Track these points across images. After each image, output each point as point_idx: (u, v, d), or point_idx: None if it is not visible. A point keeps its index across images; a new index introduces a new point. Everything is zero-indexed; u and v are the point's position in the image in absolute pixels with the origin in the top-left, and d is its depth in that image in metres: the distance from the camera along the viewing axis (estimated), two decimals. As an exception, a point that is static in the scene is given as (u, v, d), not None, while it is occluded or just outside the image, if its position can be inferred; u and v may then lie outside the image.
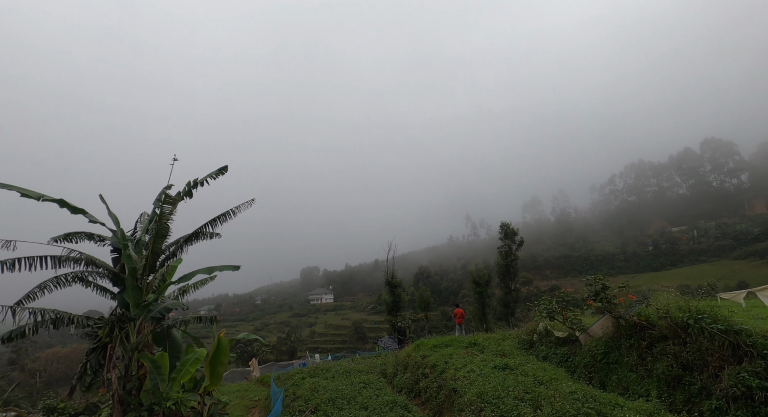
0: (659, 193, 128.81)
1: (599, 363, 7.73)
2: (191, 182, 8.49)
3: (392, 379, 13.65)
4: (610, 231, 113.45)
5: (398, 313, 33.08)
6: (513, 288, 35.05)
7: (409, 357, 13.65)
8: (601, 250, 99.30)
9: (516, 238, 35.58)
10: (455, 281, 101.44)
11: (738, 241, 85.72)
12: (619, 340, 7.62)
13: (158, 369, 6.53)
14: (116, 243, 7.80)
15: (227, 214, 8.88)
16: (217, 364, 6.11)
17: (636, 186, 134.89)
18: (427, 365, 12.04)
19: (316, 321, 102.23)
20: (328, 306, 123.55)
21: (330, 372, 15.33)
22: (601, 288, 8.15)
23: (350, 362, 17.66)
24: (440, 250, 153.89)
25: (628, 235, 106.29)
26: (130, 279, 7.13)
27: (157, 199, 8.69)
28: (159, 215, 7.41)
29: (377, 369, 15.41)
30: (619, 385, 6.84)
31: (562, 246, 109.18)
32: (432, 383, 10.75)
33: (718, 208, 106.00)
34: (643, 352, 6.94)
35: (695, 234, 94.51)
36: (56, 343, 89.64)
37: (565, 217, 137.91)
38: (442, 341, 14.06)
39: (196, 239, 9.04)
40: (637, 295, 9.95)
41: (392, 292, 33.27)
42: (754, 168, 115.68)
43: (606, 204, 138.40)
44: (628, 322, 7.48)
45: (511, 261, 35.44)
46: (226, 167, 8.92)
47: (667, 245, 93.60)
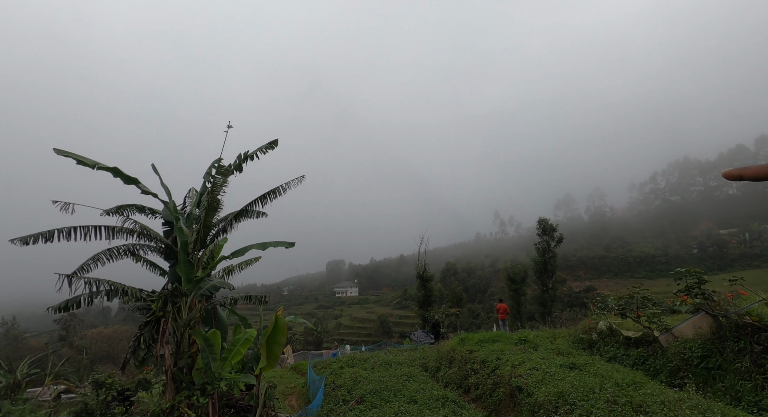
0: (706, 192, 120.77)
1: (695, 368, 6.73)
2: (241, 155, 8.09)
3: (435, 373, 13.01)
4: (650, 232, 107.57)
5: (429, 307, 32.37)
6: (551, 286, 33.53)
7: (454, 351, 12.95)
8: (639, 252, 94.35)
9: (555, 235, 34.01)
10: (483, 278, 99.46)
11: (796, 246, 79.13)
12: (720, 342, 6.59)
13: (210, 347, 6.17)
14: (168, 216, 7.52)
15: (276, 191, 8.44)
16: (273, 344, 5.66)
17: (680, 185, 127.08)
18: (476, 361, 11.30)
19: (342, 313, 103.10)
20: (353, 299, 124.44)
21: (368, 362, 14.88)
22: (696, 282, 7.11)
23: (387, 354, 17.15)
24: (468, 247, 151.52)
25: (670, 237, 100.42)
26: (182, 253, 6.81)
27: (207, 173, 8.37)
28: (211, 187, 7.04)
29: (417, 362, 14.82)
30: (727, 394, 5.86)
31: (596, 246, 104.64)
32: (485, 380, 10.02)
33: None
34: (758, 357, 5.92)
35: (747, 237, 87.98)
36: (99, 324, 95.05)
37: (601, 216, 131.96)
38: (488, 336, 13.29)
39: (243, 217, 8.68)
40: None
41: (424, 285, 32.55)
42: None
43: (646, 203, 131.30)
44: (734, 323, 6.45)
45: (549, 258, 33.93)
46: (276, 141, 8.48)
47: (714, 248, 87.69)
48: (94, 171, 6.72)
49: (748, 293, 6.74)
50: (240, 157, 8.08)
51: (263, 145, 8.35)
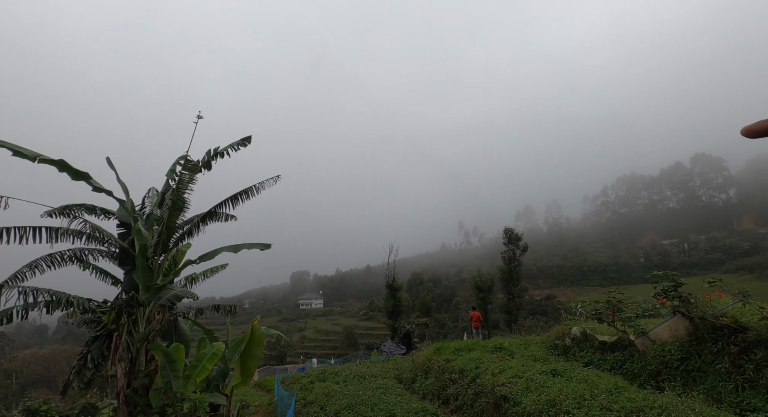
0: (650, 205, 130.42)
1: (675, 370, 6.81)
2: (211, 151, 7.44)
3: (411, 385, 12.59)
4: (602, 242, 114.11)
5: (398, 317, 31.96)
6: (516, 294, 34.27)
7: (430, 361, 12.62)
8: (593, 261, 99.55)
9: (520, 244, 34.94)
10: (449, 288, 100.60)
11: (727, 254, 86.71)
12: (698, 344, 6.72)
13: (172, 364, 5.42)
14: (124, 216, 6.67)
15: (249, 191, 7.81)
16: (248, 358, 5.04)
17: (628, 198, 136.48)
18: (454, 370, 11.01)
19: (306, 326, 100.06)
20: (318, 311, 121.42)
21: (340, 376, 14.19)
22: (672, 285, 7.27)
23: (359, 366, 16.50)
24: (433, 257, 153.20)
25: (620, 247, 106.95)
26: (140, 258, 6.02)
27: (171, 170, 7.60)
28: (177, 184, 6.32)
29: (391, 374, 14.33)
30: (709, 396, 5.91)
31: (554, 256, 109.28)
32: (465, 390, 9.73)
33: (707, 222, 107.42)
34: (736, 358, 6.05)
35: (686, 247, 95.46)
36: (33, 344, 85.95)
37: (558, 227, 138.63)
38: (464, 345, 13.09)
39: (211, 219, 7.95)
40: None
41: (393, 295, 32.16)
42: (741, 184, 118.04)
43: (598, 215, 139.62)
44: (710, 324, 6.60)
45: (514, 266, 34.74)
46: (249, 138, 7.90)
47: (658, 257, 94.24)
48: (36, 165, 5.83)
49: (725, 295, 6.98)
50: (209, 154, 7.42)
51: (235, 142, 7.74)
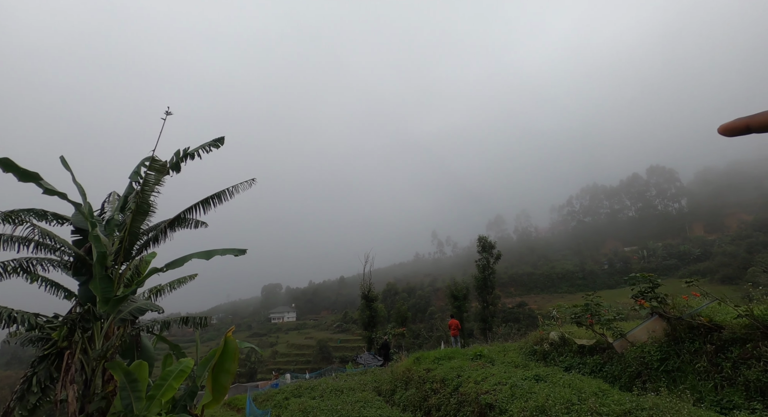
0: (612, 214, 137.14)
1: (655, 371, 6.88)
2: (180, 152, 6.95)
3: (390, 397, 12.20)
4: (568, 250, 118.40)
5: (374, 328, 31.43)
6: (490, 302, 34.62)
7: (410, 371, 12.30)
8: (561, 268, 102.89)
9: (493, 252, 35.48)
10: (423, 298, 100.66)
11: (682, 260, 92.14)
12: (676, 344, 6.84)
13: (134, 384, 4.86)
14: (80, 221, 6.03)
15: (222, 195, 7.34)
16: (221, 374, 4.57)
17: (591, 208, 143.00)
18: (435, 380, 10.76)
19: (278, 340, 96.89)
20: (291, 325, 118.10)
21: (316, 390, 13.59)
22: (649, 286, 7.41)
23: (335, 380, 15.91)
24: (407, 267, 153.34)
25: (586, 254, 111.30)
26: (99, 266, 5.42)
27: (135, 172, 7.02)
28: (142, 185, 5.80)
29: (369, 386, 13.87)
30: (690, 395, 5.96)
31: (525, 264, 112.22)
32: (447, 399, 9.49)
33: (663, 229, 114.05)
34: (713, 356, 6.17)
35: (645, 254, 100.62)
36: (-30, 369, 78.27)
37: (527, 235, 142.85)
38: (444, 353, 12.89)
39: (179, 225, 7.40)
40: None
41: (369, 306, 31.63)
42: (692, 194, 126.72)
43: (564, 224, 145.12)
44: (687, 324, 6.74)
45: (488, 274, 35.18)
46: (222, 139, 7.46)
47: (620, 264, 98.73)
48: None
49: (701, 295, 7.19)
50: (178, 155, 6.93)
51: (207, 143, 7.29)
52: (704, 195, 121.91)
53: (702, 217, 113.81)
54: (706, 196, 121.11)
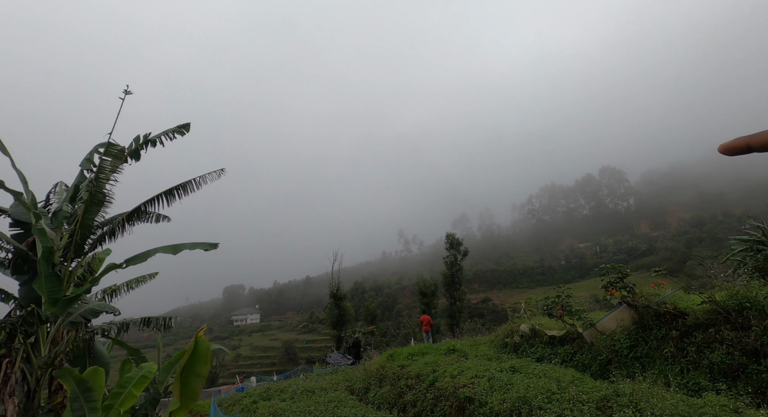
0: (568, 213, 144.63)
1: (625, 358, 7.14)
2: (140, 138, 6.34)
3: (364, 395, 11.97)
4: (529, 247, 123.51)
5: (343, 327, 31.06)
6: (458, 298, 35.26)
7: (384, 369, 12.15)
8: (522, 265, 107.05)
9: (461, 249, 36.14)
10: (390, 296, 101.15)
11: (630, 255, 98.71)
12: (644, 331, 7.14)
13: (87, 393, 4.30)
14: (20, 213, 5.29)
15: (188, 186, 6.76)
16: (191, 377, 4.14)
17: (549, 206, 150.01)
18: (410, 376, 10.68)
19: (241, 343, 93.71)
20: (254, 326, 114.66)
21: (286, 392, 13.10)
22: (618, 276, 7.70)
23: (305, 380, 15.46)
24: (374, 266, 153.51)
25: (545, 251, 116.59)
26: (44, 263, 4.76)
27: (87, 159, 6.30)
28: (96, 172, 5.17)
29: (341, 385, 13.57)
30: (658, 380, 6.22)
31: (488, 261, 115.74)
32: (423, 395, 9.41)
33: (614, 227, 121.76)
34: (678, 342, 6.48)
35: (598, 249, 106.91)
36: None
37: (490, 233, 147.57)
38: (417, 349, 12.85)
39: (138, 219, 6.76)
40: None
41: (338, 305, 31.21)
42: (639, 193, 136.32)
43: (525, 222, 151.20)
44: (654, 312, 7.05)
45: (456, 271, 35.82)
46: (187, 125, 6.89)
47: (576, 260, 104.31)
48: None
49: (667, 283, 7.55)
50: (138, 141, 6.31)
51: (170, 129, 6.70)
52: (649, 195, 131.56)
53: (647, 215, 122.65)
54: (650, 195, 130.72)
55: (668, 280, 7.57)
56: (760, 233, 16.77)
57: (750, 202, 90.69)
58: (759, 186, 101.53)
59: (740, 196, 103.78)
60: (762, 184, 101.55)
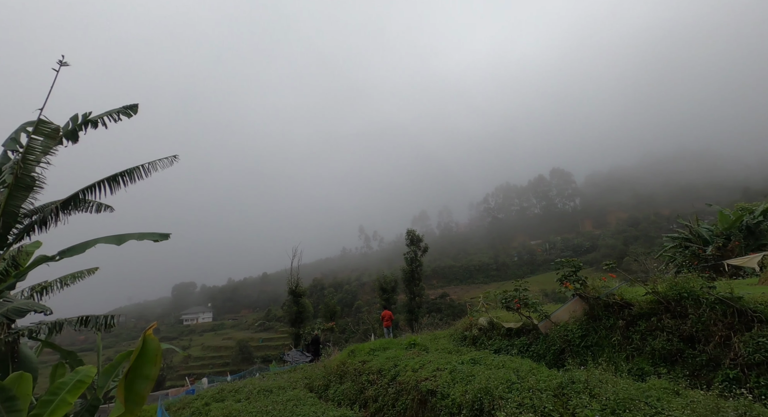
0: (521, 211, 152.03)
1: (576, 347, 7.53)
2: (78, 118, 5.68)
3: (324, 393, 11.75)
4: (484, 243, 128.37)
5: (302, 324, 30.46)
6: (417, 293, 35.79)
7: (345, 365, 11.99)
8: (478, 261, 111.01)
9: (421, 245, 36.66)
10: (350, 292, 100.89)
11: (575, 252, 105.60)
12: (594, 321, 7.56)
13: (10, 402, 3.75)
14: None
15: (135, 172, 6.17)
16: (138, 380, 3.74)
17: (504, 205, 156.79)
18: (372, 371, 10.60)
19: (191, 344, 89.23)
20: (206, 326, 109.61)
21: (242, 393, 12.52)
22: (572, 270, 8.10)
23: (262, 379, 14.91)
24: (334, 263, 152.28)
25: (499, 248, 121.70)
26: (-45, 256, 4.09)
27: (12, 139, 5.52)
28: (23, 153, 4.53)
29: (300, 383, 13.23)
30: (608, 367, 6.60)
31: (446, 257, 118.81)
32: (385, 390, 9.38)
33: (561, 225, 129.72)
34: (624, 331, 6.92)
35: (547, 246, 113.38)
36: None
37: (449, 231, 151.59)
38: (379, 344, 12.81)
39: (75, 207, 6.08)
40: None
41: (296, 301, 30.53)
42: (584, 194, 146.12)
43: (481, 220, 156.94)
44: (603, 303, 7.48)
45: (416, 267, 36.31)
46: (135, 106, 6.26)
47: (527, 256, 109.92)
48: None
49: (616, 276, 8.06)
50: (75, 121, 5.65)
51: (115, 109, 6.07)
52: (593, 195, 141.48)
53: (591, 215, 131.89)
54: (594, 196, 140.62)
55: (615, 274, 8.09)
56: (688, 231, 18.53)
57: (677, 203, 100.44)
58: (684, 189, 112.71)
59: (669, 198, 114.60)
60: (686, 188, 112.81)
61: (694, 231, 17.85)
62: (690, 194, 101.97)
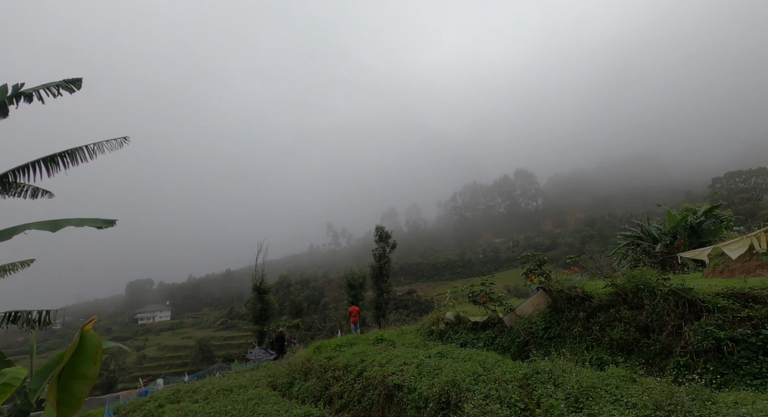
0: (486, 210, 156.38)
1: (540, 339, 7.70)
2: (8, 88, 5.07)
3: (288, 390, 11.41)
4: (451, 241, 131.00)
5: (267, 321, 29.65)
6: (385, 290, 35.82)
7: (310, 361, 11.71)
8: (445, 258, 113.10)
9: (390, 241, 36.69)
10: (317, 289, 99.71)
11: (537, 250, 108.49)
12: (557, 314, 7.75)
13: None
14: None
15: (78, 153, 5.59)
16: (73, 380, 3.33)
17: (471, 204, 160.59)
18: (338, 367, 10.40)
19: (146, 344, 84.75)
20: (164, 325, 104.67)
21: (199, 393, 11.94)
22: (537, 264, 8.27)
23: (222, 379, 14.30)
24: (301, 259, 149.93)
25: (465, 245, 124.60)
26: None
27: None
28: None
29: (263, 382, 12.80)
30: (570, 357, 6.78)
31: (414, 254, 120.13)
32: (351, 386, 9.21)
33: (525, 224, 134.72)
34: (585, 322, 7.14)
35: (510, 244, 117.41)
36: None
37: (417, 228, 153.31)
38: (345, 340, 12.64)
39: (5, 191, 5.43)
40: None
41: (261, 298, 29.67)
42: (546, 195, 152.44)
43: (449, 218, 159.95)
44: (566, 295, 7.68)
45: (384, 263, 36.30)
46: (78, 81, 5.68)
47: (492, 253, 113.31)
48: None
49: (578, 269, 8.30)
50: (4, 92, 5.03)
51: (55, 82, 5.47)
52: (554, 196, 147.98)
53: (552, 215, 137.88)
54: (555, 197, 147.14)
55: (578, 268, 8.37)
56: (639, 230, 19.66)
57: (631, 205, 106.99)
58: (637, 192, 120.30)
59: (624, 199, 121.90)
60: (639, 190, 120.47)
61: (645, 229, 18.93)
62: (642, 196, 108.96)
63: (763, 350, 5.06)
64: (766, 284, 5.75)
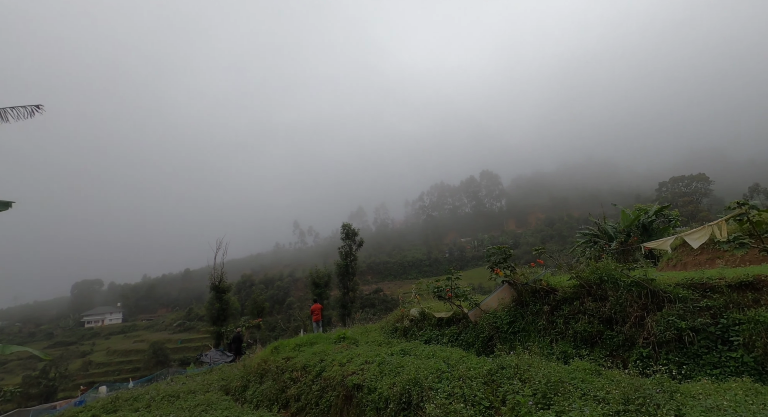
0: (453, 210, 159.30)
1: (504, 333, 7.51)
2: None
3: (241, 394, 10.63)
4: (418, 240, 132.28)
5: (225, 322, 28.21)
6: (351, 288, 35.25)
7: (266, 363, 10.99)
8: (412, 257, 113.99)
9: (356, 239, 36.17)
10: (281, 289, 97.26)
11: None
12: (522, 307, 7.60)
13: None
14: None
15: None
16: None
17: (438, 203, 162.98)
18: (296, 368, 9.78)
19: (94, 348, 78.96)
20: (114, 328, 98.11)
21: (141, 401, 10.87)
22: (503, 257, 8.09)
23: (170, 384, 13.20)
24: (266, 258, 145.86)
25: (432, 244, 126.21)
26: None
27: None
28: None
29: (215, 386, 11.91)
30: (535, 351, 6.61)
31: (381, 253, 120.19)
32: (308, 387, 8.65)
33: (489, 224, 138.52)
34: (549, 315, 7.01)
35: (476, 243, 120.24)
36: None
37: (384, 227, 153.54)
38: (305, 339, 12.01)
39: None
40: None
41: (219, 298, 28.17)
42: (509, 196, 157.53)
43: (416, 217, 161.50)
44: (531, 289, 7.55)
45: (350, 261, 35.73)
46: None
47: (458, 252, 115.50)
48: None
49: (544, 262, 8.20)
50: None
51: None
52: (517, 197, 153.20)
53: (515, 215, 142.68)
54: (518, 198, 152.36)
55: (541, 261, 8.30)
56: (597, 229, 20.40)
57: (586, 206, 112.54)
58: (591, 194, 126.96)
59: (580, 201, 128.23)
60: (593, 193, 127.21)
61: (602, 228, 19.64)
62: (596, 198, 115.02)
63: (721, 339, 5.06)
64: (722, 274, 5.81)
